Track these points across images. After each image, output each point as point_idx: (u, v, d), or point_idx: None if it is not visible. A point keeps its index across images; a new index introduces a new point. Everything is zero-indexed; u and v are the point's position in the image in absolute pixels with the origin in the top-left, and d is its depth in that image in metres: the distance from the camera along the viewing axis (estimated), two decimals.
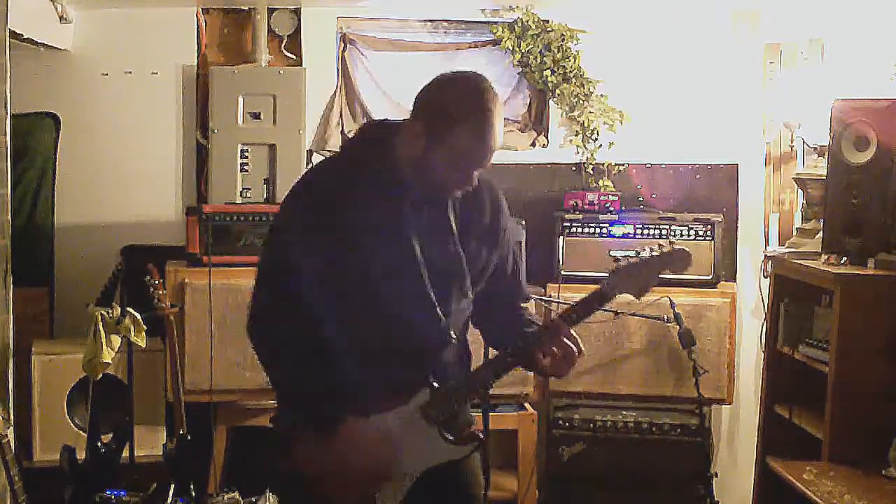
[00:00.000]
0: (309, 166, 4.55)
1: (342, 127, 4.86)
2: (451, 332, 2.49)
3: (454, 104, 2.37)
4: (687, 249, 2.55)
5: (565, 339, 2.50)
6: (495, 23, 4.86)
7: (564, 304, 4.33)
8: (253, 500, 4.12)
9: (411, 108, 2.44)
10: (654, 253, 2.51)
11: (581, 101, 4.85)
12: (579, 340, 2.53)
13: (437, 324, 2.46)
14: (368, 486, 2.43)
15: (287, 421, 2.53)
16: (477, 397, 2.56)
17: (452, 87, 2.41)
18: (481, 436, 2.59)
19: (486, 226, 2.56)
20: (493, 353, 2.69)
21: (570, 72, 4.83)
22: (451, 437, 2.51)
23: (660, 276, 2.53)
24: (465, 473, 2.61)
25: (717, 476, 4.18)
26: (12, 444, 3.52)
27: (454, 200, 2.49)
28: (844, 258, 3.71)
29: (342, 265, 2.39)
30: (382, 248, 2.40)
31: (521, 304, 2.71)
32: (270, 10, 4.78)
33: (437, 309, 2.45)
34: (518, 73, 4.97)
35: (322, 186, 2.47)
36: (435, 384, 2.47)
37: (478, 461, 2.67)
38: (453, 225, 2.47)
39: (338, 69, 4.86)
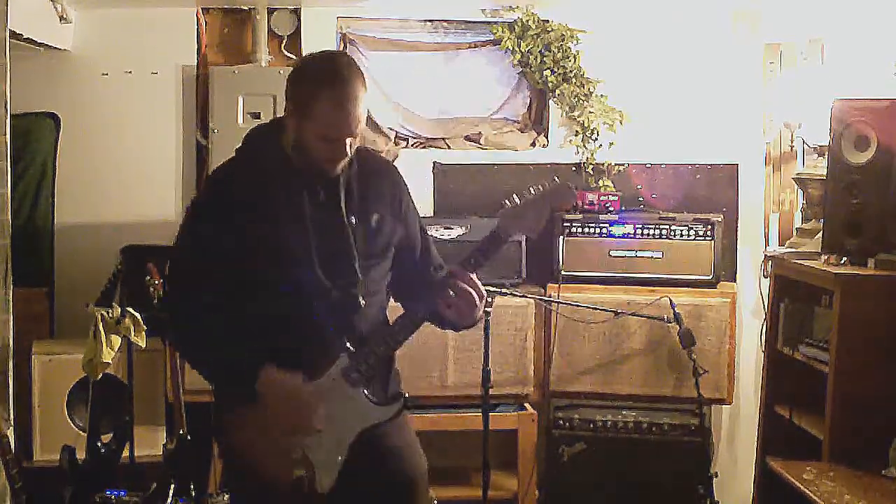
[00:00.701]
0: None
1: None
2: (361, 299, 2.63)
3: (311, 78, 2.56)
4: (570, 184, 2.63)
5: (464, 285, 2.59)
6: (495, 23, 4.86)
7: (565, 304, 4.34)
8: None
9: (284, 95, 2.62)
10: (535, 191, 2.59)
11: (581, 101, 4.85)
12: (480, 286, 2.62)
13: (341, 292, 2.60)
14: (297, 434, 2.56)
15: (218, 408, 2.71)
16: (390, 352, 2.72)
17: (310, 64, 2.63)
18: (406, 394, 2.71)
19: (386, 203, 2.72)
20: None
21: (570, 72, 4.83)
22: (376, 399, 2.64)
23: (548, 212, 2.61)
24: (400, 454, 2.73)
25: (717, 476, 4.18)
26: (12, 444, 3.52)
27: (348, 180, 2.65)
28: (844, 258, 3.71)
29: (240, 249, 2.57)
30: (274, 227, 2.58)
31: (434, 272, 2.84)
32: (270, 10, 4.78)
33: (338, 279, 2.60)
34: (518, 73, 4.97)
35: (219, 177, 2.73)
36: (351, 348, 2.59)
37: (410, 436, 2.79)
38: (343, 200, 2.63)
39: None
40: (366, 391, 2.62)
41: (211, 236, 2.60)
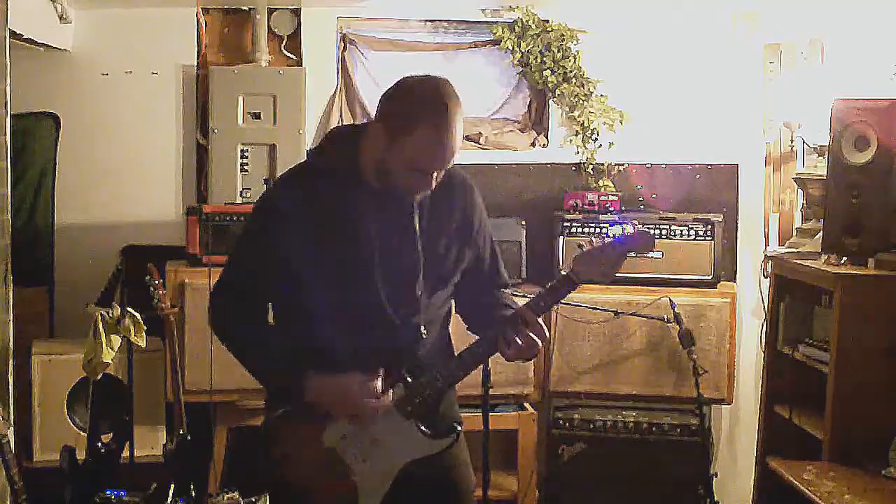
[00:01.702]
0: None
1: None
2: (422, 328, 2.55)
3: (414, 106, 2.41)
4: (649, 232, 2.58)
5: (529, 332, 2.51)
6: (495, 23, 4.86)
7: (565, 304, 4.34)
8: (253, 500, 4.12)
9: (375, 111, 2.50)
10: (614, 237, 2.54)
11: (581, 101, 4.85)
12: (545, 329, 2.54)
13: (403, 321, 2.53)
14: (348, 437, 2.51)
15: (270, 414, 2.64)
16: (447, 388, 2.63)
17: (413, 89, 2.45)
18: (459, 427, 2.63)
19: (457, 224, 2.62)
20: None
21: (570, 72, 4.83)
22: (429, 431, 2.56)
23: (623, 257, 2.56)
24: (450, 469, 2.66)
25: (717, 476, 4.18)
26: (12, 444, 3.52)
27: (422, 203, 2.53)
28: (844, 258, 3.71)
29: (301, 266, 2.48)
30: (341, 248, 2.48)
31: (498, 291, 2.76)
32: (270, 10, 4.78)
33: (401, 307, 2.52)
34: (518, 73, 4.97)
35: (287, 189, 2.58)
36: (408, 379, 2.52)
37: (463, 455, 2.71)
38: (416, 225, 2.53)
39: (338, 69, 4.87)
40: (419, 424, 2.55)
41: (271, 246, 2.51)
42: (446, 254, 2.59)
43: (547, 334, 2.55)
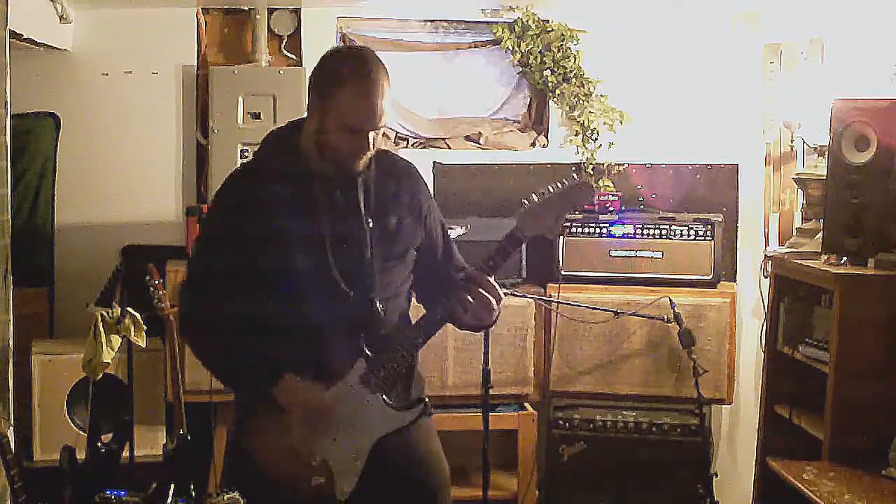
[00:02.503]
0: None
1: None
2: (378, 304, 2.61)
3: (335, 69, 2.55)
4: (589, 182, 2.58)
5: (481, 290, 2.56)
6: (495, 23, 4.86)
7: (565, 304, 4.34)
8: None
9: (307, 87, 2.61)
10: (554, 189, 2.55)
11: (581, 101, 4.85)
12: (498, 288, 2.59)
13: (357, 296, 2.59)
14: (315, 440, 2.55)
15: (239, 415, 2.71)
16: (409, 357, 2.66)
17: (336, 56, 2.61)
18: (426, 399, 2.68)
19: (405, 204, 2.69)
20: None
21: (570, 72, 4.83)
22: (395, 404, 2.61)
23: (567, 211, 2.57)
24: (424, 455, 2.72)
25: (717, 476, 4.19)
26: (12, 444, 3.51)
27: (366, 182, 2.62)
28: (844, 258, 3.71)
29: (256, 254, 2.56)
30: (291, 231, 2.56)
31: (454, 273, 2.81)
32: (270, 10, 4.78)
33: (354, 282, 2.59)
34: (518, 73, 4.97)
35: (236, 182, 2.68)
36: (369, 353, 2.57)
37: (434, 443, 2.77)
38: (362, 204, 2.61)
39: None
40: (384, 397, 2.58)
41: (227, 241, 2.59)
42: (397, 230, 2.66)
43: (501, 295, 2.59)
